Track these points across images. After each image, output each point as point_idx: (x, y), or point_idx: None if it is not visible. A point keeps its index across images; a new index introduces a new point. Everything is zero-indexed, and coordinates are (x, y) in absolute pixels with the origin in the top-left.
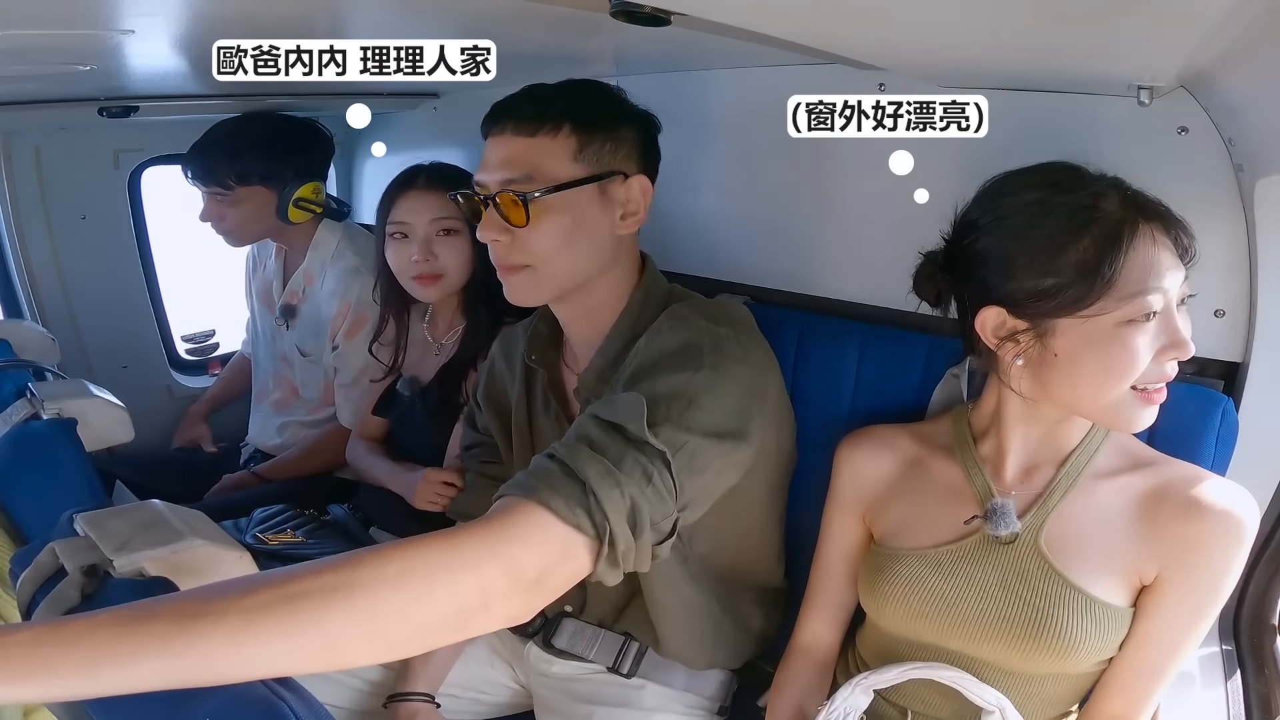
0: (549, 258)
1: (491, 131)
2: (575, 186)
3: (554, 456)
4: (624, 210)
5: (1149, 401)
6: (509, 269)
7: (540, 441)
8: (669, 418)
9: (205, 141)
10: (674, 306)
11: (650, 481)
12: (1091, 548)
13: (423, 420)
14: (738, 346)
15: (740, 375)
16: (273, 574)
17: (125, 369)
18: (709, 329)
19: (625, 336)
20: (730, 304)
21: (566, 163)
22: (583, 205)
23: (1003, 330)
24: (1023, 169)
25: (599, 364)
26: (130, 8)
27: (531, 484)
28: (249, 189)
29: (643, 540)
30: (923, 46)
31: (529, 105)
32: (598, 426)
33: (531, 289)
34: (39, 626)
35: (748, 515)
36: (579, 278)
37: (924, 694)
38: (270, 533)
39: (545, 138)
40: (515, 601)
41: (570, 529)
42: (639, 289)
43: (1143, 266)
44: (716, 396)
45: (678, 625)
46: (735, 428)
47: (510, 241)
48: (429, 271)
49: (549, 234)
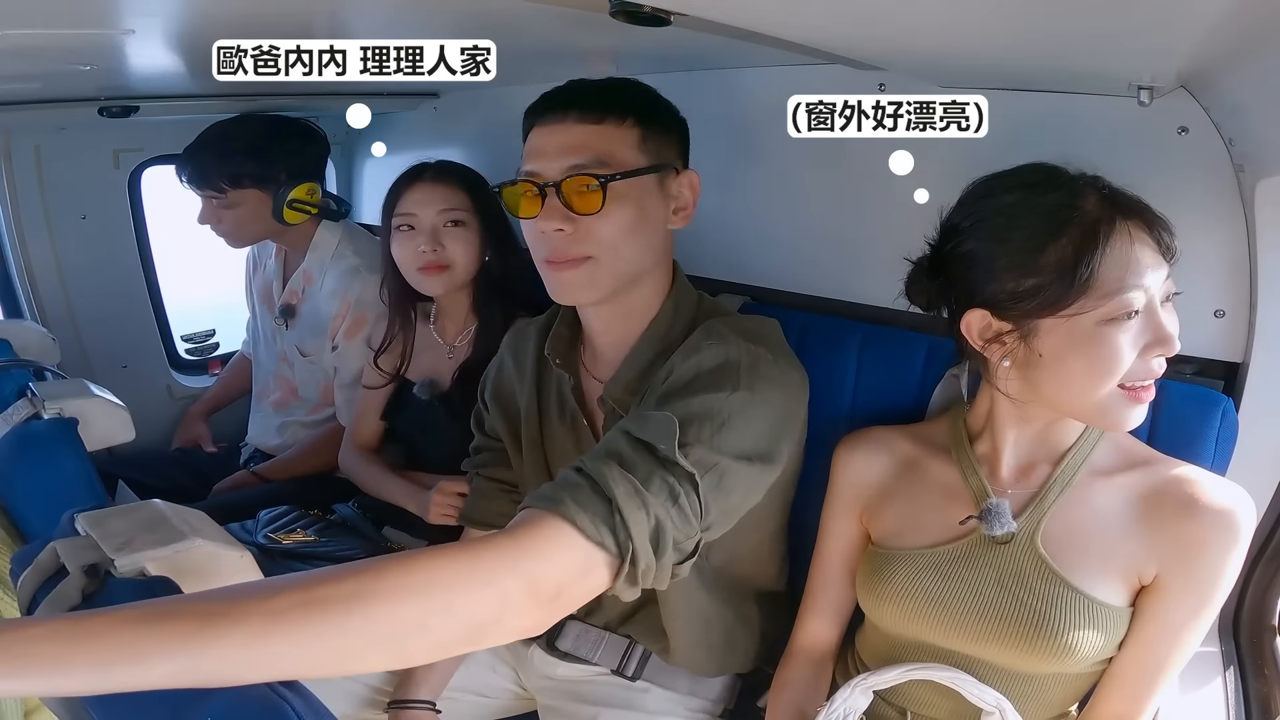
0: (614, 247)
1: (545, 120)
2: (645, 174)
3: (582, 470)
4: (676, 204)
5: (1137, 400)
6: (568, 262)
7: (552, 446)
8: (700, 439)
9: (197, 145)
10: (710, 322)
11: (676, 502)
12: (1089, 547)
13: (444, 425)
14: (774, 369)
15: (774, 398)
16: (294, 578)
17: (125, 369)
18: (747, 349)
19: (656, 346)
20: (765, 321)
21: (633, 151)
22: (647, 195)
23: (988, 333)
24: (1003, 171)
25: (627, 374)
26: (130, 8)
27: (558, 498)
28: (243, 192)
29: (664, 560)
30: (923, 46)
31: (591, 94)
32: (628, 443)
33: (587, 284)
34: (54, 621)
35: (759, 526)
36: (634, 272)
37: (923, 695)
38: (281, 532)
39: (611, 125)
40: (531, 616)
41: (593, 546)
42: (670, 298)
43: (1121, 264)
44: (749, 419)
45: (691, 634)
46: (765, 450)
47: (573, 231)
48: (436, 262)
49: (617, 222)
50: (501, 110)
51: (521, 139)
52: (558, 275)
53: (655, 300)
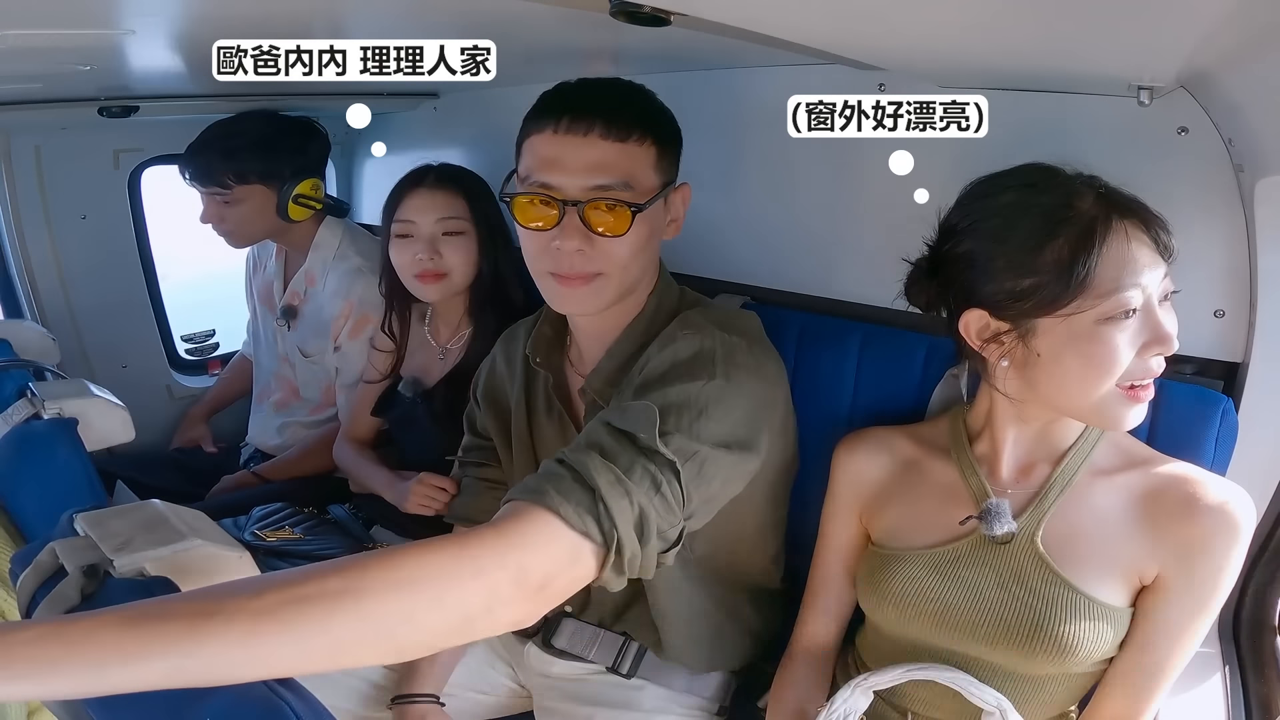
0: (625, 265)
1: (564, 128)
2: (661, 195)
3: (564, 462)
4: (671, 216)
5: (1136, 399)
6: (579, 278)
7: (541, 443)
8: (679, 427)
9: (201, 142)
10: (687, 314)
11: (659, 490)
12: (1090, 548)
13: (426, 424)
14: (750, 357)
15: (751, 387)
16: (282, 575)
17: (125, 369)
18: (722, 338)
19: (638, 340)
20: (742, 313)
21: (651, 171)
22: (657, 213)
23: (986, 332)
24: (1000, 172)
25: (607, 367)
26: (130, 8)
27: (541, 489)
28: (248, 188)
29: (649, 548)
30: (923, 46)
31: (614, 108)
32: (609, 434)
33: (594, 298)
34: (44, 624)
35: (745, 519)
36: (635, 284)
37: (924, 695)
38: (268, 530)
39: (635, 145)
40: (520, 607)
41: (578, 536)
42: (654, 293)
43: (1118, 264)
44: (727, 407)
45: (680, 629)
46: (744, 438)
47: (590, 250)
48: (433, 270)
49: (633, 243)
50: (502, 110)
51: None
52: (567, 289)
53: (641, 298)
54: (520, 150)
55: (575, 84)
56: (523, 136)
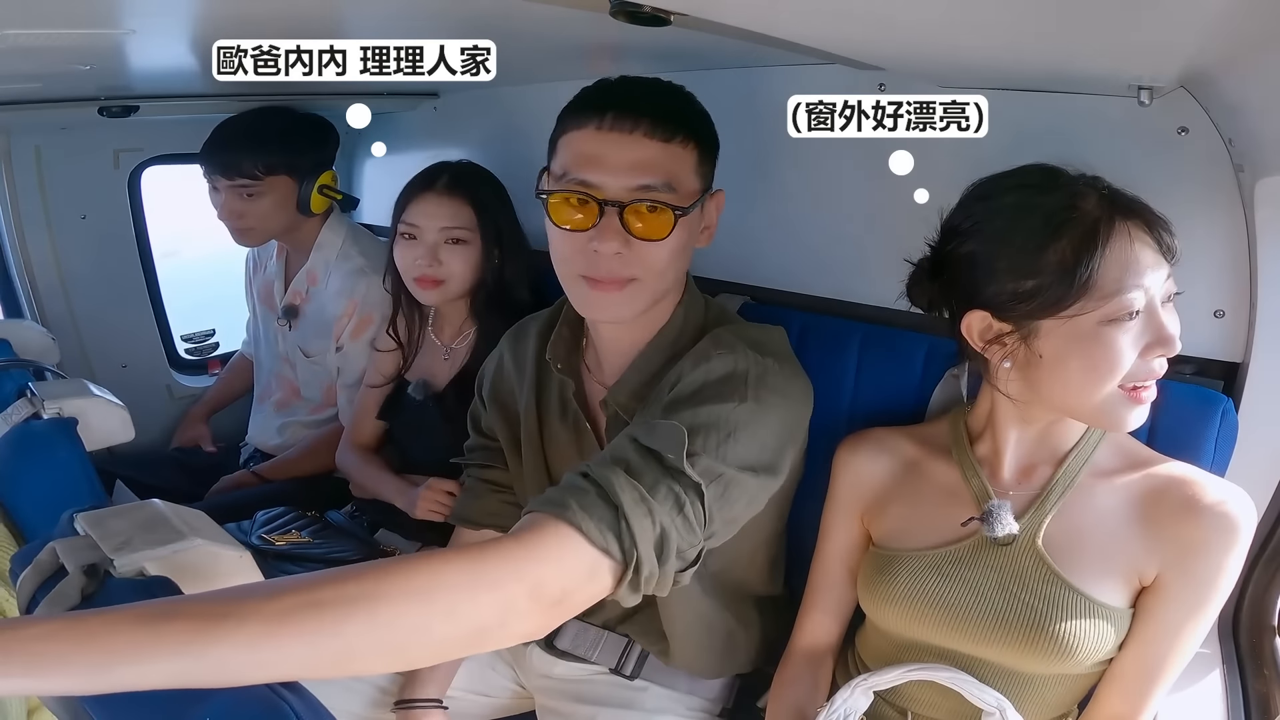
0: (661, 271)
1: (609, 125)
2: (701, 202)
3: (588, 475)
4: (705, 223)
5: (1138, 400)
6: (615, 283)
7: (553, 447)
8: (707, 449)
9: (224, 136)
10: (718, 331)
11: (681, 511)
12: (1090, 549)
13: (435, 426)
14: (781, 379)
15: (780, 410)
16: (296, 580)
17: (125, 369)
18: (755, 359)
19: (665, 353)
20: (772, 331)
21: (693, 175)
22: (694, 219)
23: (988, 334)
24: (1003, 172)
25: (633, 380)
26: (130, 8)
27: (564, 502)
28: (275, 179)
29: (667, 567)
30: (923, 46)
31: (661, 106)
32: (636, 451)
33: (627, 304)
34: (53, 621)
35: (758, 533)
36: (667, 291)
37: (924, 695)
38: (276, 534)
39: (678, 146)
40: (534, 620)
41: (598, 552)
42: (681, 304)
43: (1121, 265)
44: (755, 431)
45: (691, 638)
46: (769, 462)
47: (628, 253)
48: (432, 276)
49: (671, 248)
50: (502, 110)
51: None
52: (599, 294)
53: (668, 308)
54: (555, 146)
55: (619, 80)
56: (559, 132)
